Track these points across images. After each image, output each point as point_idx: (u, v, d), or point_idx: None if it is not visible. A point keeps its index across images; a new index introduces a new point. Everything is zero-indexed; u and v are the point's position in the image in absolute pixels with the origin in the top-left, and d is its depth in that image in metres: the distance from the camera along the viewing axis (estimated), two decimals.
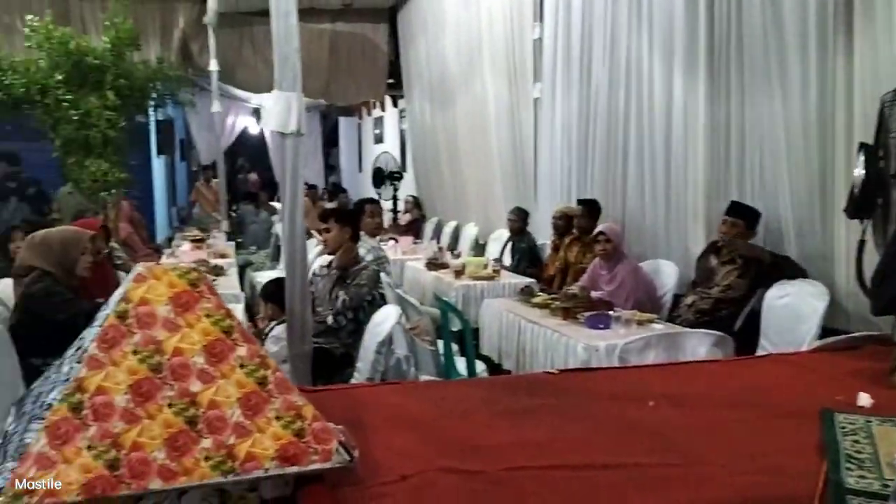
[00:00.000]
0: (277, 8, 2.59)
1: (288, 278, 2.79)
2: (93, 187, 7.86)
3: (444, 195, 9.53)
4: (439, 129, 9.28)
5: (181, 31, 9.38)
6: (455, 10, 8.23)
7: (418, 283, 6.42)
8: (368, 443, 1.73)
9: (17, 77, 7.43)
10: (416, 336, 3.93)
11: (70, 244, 3.60)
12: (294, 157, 2.67)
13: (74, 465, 1.40)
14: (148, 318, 1.60)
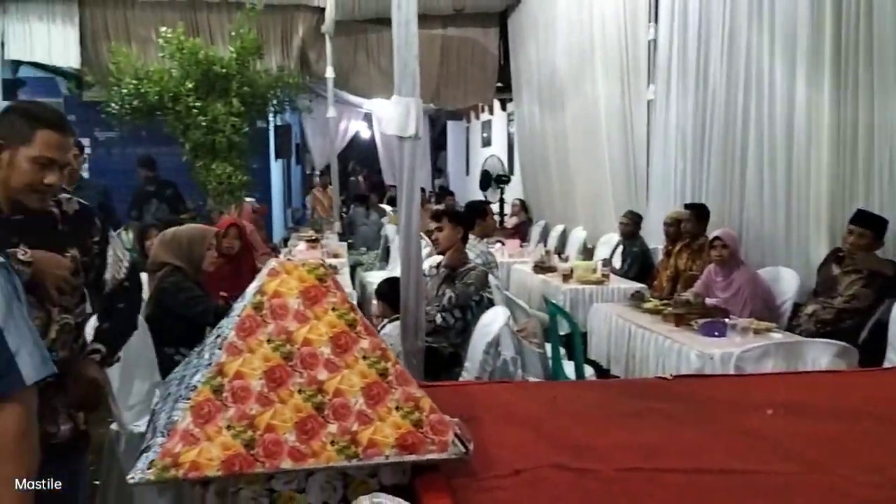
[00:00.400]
0: (398, 16, 2.69)
1: (403, 276, 2.88)
2: (218, 189, 8.33)
3: (551, 198, 9.50)
4: (548, 131, 9.26)
5: (300, 39, 9.76)
6: (567, 12, 8.20)
7: (525, 287, 6.44)
8: (481, 437, 1.78)
9: (151, 86, 7.96)
10: (524, 338, 3.95)
11: (197, 241, 3.80)
12: (412, 160, 2.77)
13: (215, 442, 1.52)
14: (280, 310, 1.71)
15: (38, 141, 1.82)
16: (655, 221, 6.29)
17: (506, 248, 7.66)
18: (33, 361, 1.40)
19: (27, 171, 1.82)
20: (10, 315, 1.39)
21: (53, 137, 1.84)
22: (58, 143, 1.85)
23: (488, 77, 10.69)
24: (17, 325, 1.40)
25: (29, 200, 1.85)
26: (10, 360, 1.37)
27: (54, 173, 1.85)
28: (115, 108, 8.19)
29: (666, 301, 4.59)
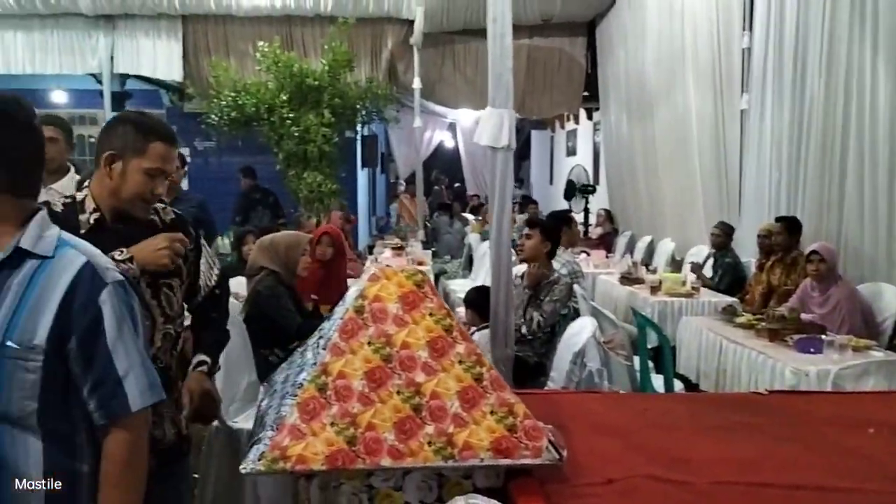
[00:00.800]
0: (493, 30, 2.74)
1: (493, 285, 2.93)
2: (308, 197, 8.60)
3: (639, 209, 9.36)
4: (636, 141, 9.14)
5: (389, 51, 9.97)
6: (657, 20, 8.09)
7: (610, 298, 6.37)
8: (572, 445, 1.80)
9: (249, 98, 8.30)
10: (611, 350, 3.92)
11: (292, 247, 3.94)
12: (504, 170, 2.81)
13: (320, 437, 1.60)
14: (380, 314, 1.78)
15: (151, 153, 1.86)
16: (748, 234, 6.13)
17: (591, 258, 7.60)
18: (139, 386, 1.39)
19: (139, 181, 1.85)
20: (119, 337, 1.39)
21: (164, 149, 1.89)
22: (168, 154, 1.91)
23: (575, 86, 10.63)
24: (127, 348, 1.39)
25: (137, 210, 1.90)
26: (118, 383, 1.37)
27: (163, 184, 1.90)
28: (214, 120, 8.57)
29: (759, 316, 4.47)
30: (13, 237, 1.38)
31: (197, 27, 9.62)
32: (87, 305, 1.38)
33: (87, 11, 9.12)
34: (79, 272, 1.39)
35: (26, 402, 1.34)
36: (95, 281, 1.40)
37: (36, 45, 9.38)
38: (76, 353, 1.37)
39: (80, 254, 1.42)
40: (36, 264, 1.39)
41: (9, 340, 1.33)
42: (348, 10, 9.27)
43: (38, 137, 1.48)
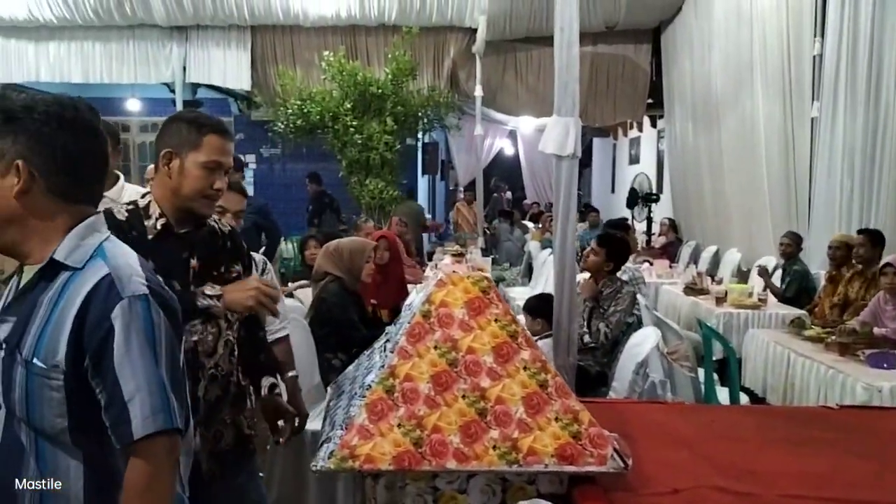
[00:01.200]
0: (560, 39, 2.76)
1: (556, 293, 2.93)
2: (370, 203, 8.72)
3: (703, 218, 9.19)
4: (702, 149, 8.98)
5: (451, 60, 10.03)
6: (724, 27, 7.95)
7: (674, 308, 6.28)
8: (637, 454, 1.79)
9: (314, 106, 8.48)
10: (675, 361, 3.87)
11: (357, 253, 3.99)
12: (569, 178, 2.82)
13: (388, 438, 1.64)
14: (447, 319, 1.81)
15: (206, 145, 1.85)
16: (818, 244, 5.96)
17: (654, 268, 7.50)
18: (143, 412, 1.26)
19: (198, 176, 1.84)
20: (127, 356, 1.27)
21: (219, 141, 1.87)
22: (223, 147, 1.88)
23: (639, 94, 10.50)
24: (135, 369, 1.28)
25: (199, 206, 1.87)
26: (124, 407, 1.27)
27: (221, 178, 1.87)
28: (280, 127, 8.79)
29: (829, 329, 4.34)
30: (53, 247, 1.33)
31: (265, 37, 9.87)
32: (100, 321, 1.29)
33: (161, 23, 9.45)
34: (95, 285, 1.31)
35: (57, 420, 1.30)
36: (111, 294, 1.30)
37: (113, 55, 9.76)
38: (91, 372, 1.29)
39: (104, 265, 1.33)
40: (67, 277, 1.33)
41: (35, 358, 1.29)
42: (412, 19, 9.38)
43: (100, 143, 1.41)
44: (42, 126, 1.32)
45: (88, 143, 1.38)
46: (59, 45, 9.71)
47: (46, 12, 9.22)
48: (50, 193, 1.33)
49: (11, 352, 1.31)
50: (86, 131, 1.38)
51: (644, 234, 10.45)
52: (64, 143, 1.34)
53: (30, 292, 1.34)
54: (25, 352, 1.30)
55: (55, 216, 1.35)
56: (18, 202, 1.31)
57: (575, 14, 2.75)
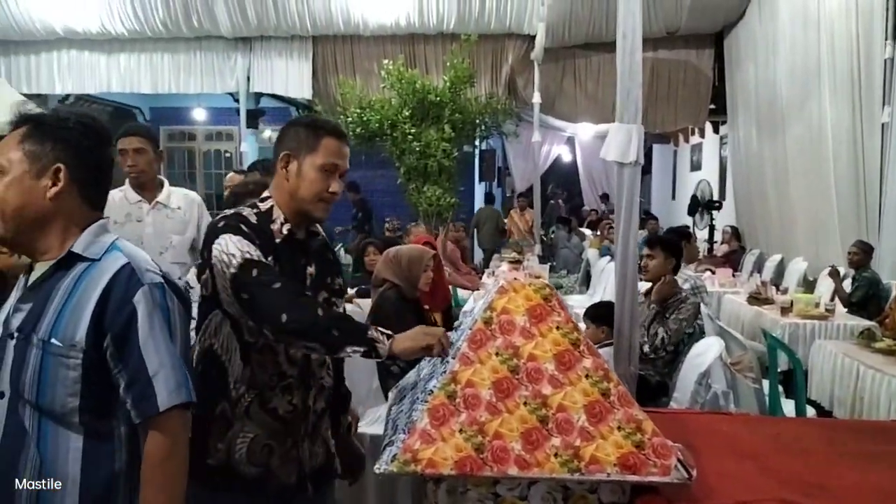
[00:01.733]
0: (623, 46, 2.74)
1: (617, 301, 2.90)
2: (428, 210, 8.78)
3: (768, 226, 8.96)
4: (766, 156, 8.77)
5: (509, 67, 10.04)
6: (790, 31, 7.76)
7: (737, 318, 6.14)
8: (701, 466, 1.77)
9: (373, 114, 8.58)
10: (738, 371, 3.79)
11: (414, 261, 4.00)
12: (631, 185, 2.79)
13: (449, 443, 1.65)
14: (508, 326, 1.82)
15: (323, 148, 1.84)
16: (889, 253, 5.76)
17: (716, 277, 7.34)
18: (168, 386, 1.39)
19: (315, 179, 1.83)
20: (151, 336, 1.40)
21: (335, 144, 1.86)
22: (340, 150, 1.87)
23: (701, 99, 10.32)
24: (158, 348, 1.40)
25: (315, 209, 1.86)
26: (149, 383, 1.39)
27: (337, 181, 1.86)
28: None
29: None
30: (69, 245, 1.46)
31: (326, 47, 10.04)
32: (123, 304, 1.41)
33: (227, 34, 9.71)
34: (117, 273, 1.43)
35: (69, 399, 1.39)
36: (132, 281, 1.43)
37: (181, 66, 10.07)
38: (112, 350, 1.41)
39: (122, 256, 1.46)
40: (84, 266, 1.44)
41: (53, 338, 1.39)
42: (470, 27, 9.42)
43: (111, 155, 1.58)
44: (82, 138, 1.46)
45: (110, 155, 1.55)
46: (129, 56, 10.08)
47: (118, 25, 9.58)
48: (80, 199, 1.48)
49: (27, 336, 1.41)
50: (108, 143, 1.54)
51: (706, 243, 10.25)
52: (98, 155, 1.50)
53: (45, 282, 1.45)
54: (42, 333, 1.40)
55: (78, 219, 1.48)
56: (52, 203, 1.44)
57: (638, 21, 2.74)
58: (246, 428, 1.78)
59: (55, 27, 9.70)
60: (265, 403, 1.80)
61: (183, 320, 1.49)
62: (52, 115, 1.48)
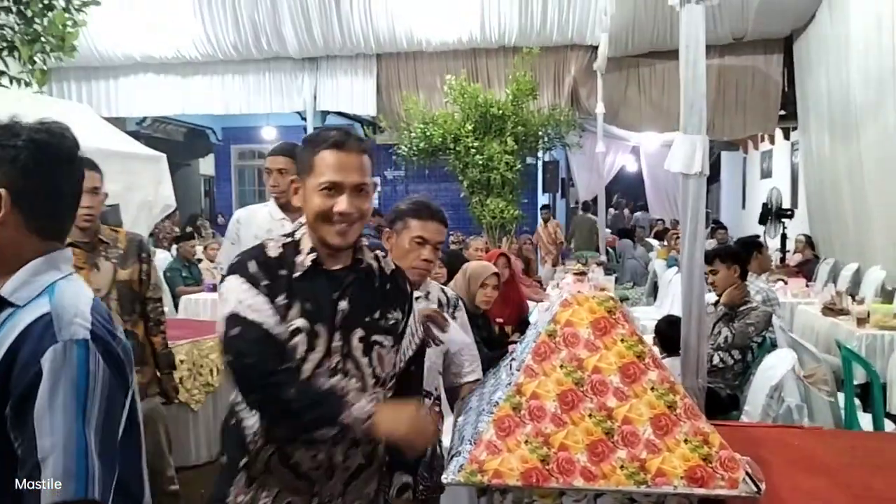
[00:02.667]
0: (686, 56, 2.73)
1: (684, 313, 2.88)
2: (491, 223, 8.83)
3: (843, 234, 8.67)
4: (840, 161, 8.49)
5: (572, 77, 10.03)
6: (863, 34, 7.51)
7: (811, 329, 5.96)
8: (771, 480, 1.75)
9: (436, 129, 8.71)
10: (812, 385, 3.70)
11: (473, 277, 4.02)
12: (696, 196, 2.77)
13: (515, 454, 1.68)
14: (572, 338, 1.83)
15: (318, 165, 1.66)
16: None
17: (789, 287, 7.15)
18: (55, 475, 1.07)
19: (315, 201, 1.66)
20: (49, 408, 1.10)
21: (333, 157, 1.65)
22: (338, 163, 1.65)
23: (770, 106, 10.08)
24: (55, 422, 1.09)
25: (327, 235, 1.67)
26: (36, 466, 1.08)
27: (346, 199, 1.65)
28: (404, 150, 9.07)
29: None
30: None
31: (389, 64, 10.23)
32: (28, 364, 1.13)
33: (294, 55, 10.01)
34: (31, 324, 1.17)
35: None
36: (46, 336, 1.15)
37: (251, 87, 10.43)
38: (11, 419, 1.12)
39: (48, 304, 1.19)
40: (7, 314, 1.20)
41: None
42: (532, 39, 9.47)
43: (77, 173, 1.32)
44: (28, 155, 1.23)
45: (69, 177, 1.30)
46: (202, 79, 10.48)
47: (192, 51, 9.99)
48: (26, 228, 1.24)
49: None
50: (68, 162, 1.28)
51: (778, 252, 9.98)
52: (53, 178, 1.26)
53: None
54: None
55: (24, 251, 1.25)
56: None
57: (701, 31, 2.72)
58: (268, 483, 1.69)
59: (133, 54, 10.18)
60: (286, 458, 1.68)
61: (108, 388, 1.18)
62: (3, 129, 1.25)
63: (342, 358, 1.68)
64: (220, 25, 9.69)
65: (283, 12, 9.41)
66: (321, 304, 1.67)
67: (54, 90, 9.86)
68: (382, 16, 9.45)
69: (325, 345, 1.66)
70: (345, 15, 9.42)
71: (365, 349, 1.71)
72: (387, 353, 1.76)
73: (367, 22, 9.53)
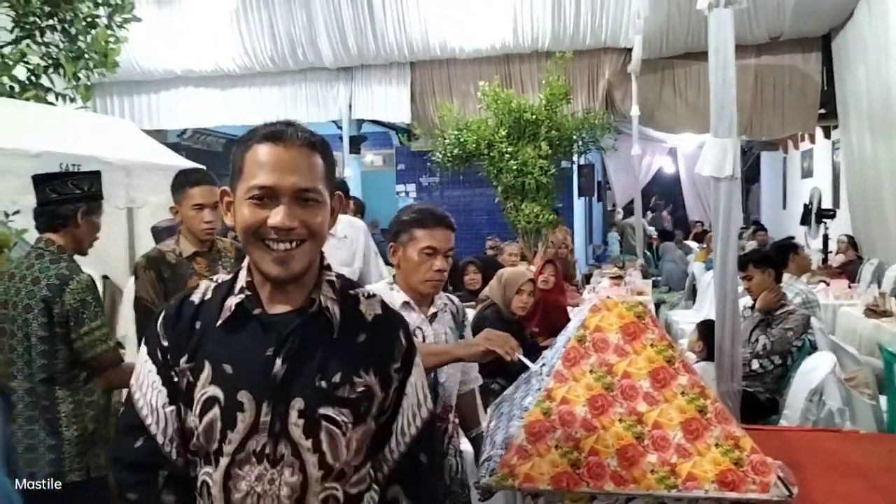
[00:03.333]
0: (715, 60, 2.73)
1: (718, 317, 2.86)
2: (526, 228, 8.82)
3: (886, 234, 8.47)
4: (882, 160, 8.31)
5: (606, 81, 9.97)
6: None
7: (854, 331, 5.85)
8: (806, 484, 1.75)
9: (470, 135, 8.73)
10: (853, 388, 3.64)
11: (509, 284, 4.06)
12: (728, 200, 2.76)
13: (545, 459, 1.70)
14: (602, 344, 1.86)
15: (248, 166, 1.28)
16: None
17: (831, 288, 7.02)
18: None
19: (243, 213, 1.28)
20: None
21: (265, 153, 1.27)
22: (273, 160, 1.26)
23: (809, 104, 9.90)
24: None
25: (261, 261, 1.28)
26: None
27: (280, 209, 1.24)
28: (438, 157, 9.11)
29: None
30: None
31: (423, 72, 10.29)
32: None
33: (329, 65, 10.13)
34: None
35: None
36: None
37: (287, 97, 10.58)
38: None
39: None
40: None
41: None
42: (565, 44, 9.45)
43: None
44: None
45: None
46: (240, 91, 10.66)
47: (230, 64, 10.18)
48: None
49: None
50: None
51: (820, 253, 9.79)
52: None
53: None
54: None
55: None
56: None
57: (730, 34, 2.72)
58: None
59: (174, 68, 10.42)
60: None
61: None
62: None
63: (271, 439, 1.24)
64: (257, 39, 9.87)
65: (319, 24, 9.54)
66: (247, 364, 1.26)
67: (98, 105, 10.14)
68: (416, 24, 9.53)
69: (250, 420, 1.24)
70: (379, 25, 9.52)
71: (307, 427, 1.25)
72: (344, 433, 1.27)
73: (401, 31, 9.61)
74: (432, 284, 2.14)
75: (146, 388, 1.31)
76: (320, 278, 1.34)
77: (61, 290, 2.49)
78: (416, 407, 1.38)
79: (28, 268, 2.56)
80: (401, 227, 2.18)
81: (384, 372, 1.33)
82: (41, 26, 6.26)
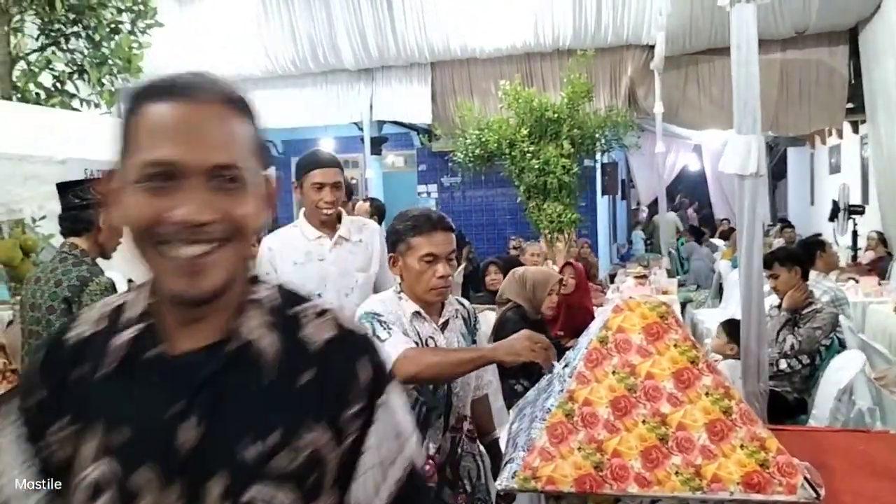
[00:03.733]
0: (738, 56, 2.69)
1: (743, 316, 2.83)
2: (549, 227, 8.78)
3: None
4: None
5: (629, 78, 9.90)
6: None
7: (884, 329, 5.75)
8: (833, 485, 1.72)
9: (491, 134, 8.72)
10: (884, 387, 3.58)
11: (540, 285, 4.03)
12: (752, 197, 2.73)
13: (568, 461, 1.69)
14: (624, 344, 1.84)
15: (137, 135, 0.92)
16: None
17: (860, 286, 6.90)
18: None
19: (131, 204, 0.90)
20: None
21: (158, 115, 0.93)
22: (171, 123, 0.90)
23: (836, 99, 9.76)
24: None
25: (163, 276, 0.88)
26: None
27: (184, 195, 0.87)
28: (459, 157, 9.12)
29: None
30: None
31: (444, 72, 10.30)
32: None
33: (350, 67, 10.18)
34: None
35: None
36: None
37: (309, 100, 10.65)
38: None
39: None
40: None
41: None
42: (587, 42, 9.40)
43: None
44: None
45: None
46: (262, 93, 10.72)
47: (251, 68, 10.26)
48: None
49: None
50: None
51: (849, 250, 9.65)
52: None
53: None
54: None
55: None
56: None
57: (753, 30, 2.68)
58: None
59: None
60: None
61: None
62: None
63: None
64: (278, 42, 9.93)
65: (339, 26, 9.58)
66: (146, 429, 0.87)
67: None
68: (436, 25, 9.53)
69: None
70: (399, 26, 9.54)
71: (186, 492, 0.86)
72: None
73: (422, 32, 9.62)
74: (437, 292, 2.08)
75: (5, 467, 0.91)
76: (248, 295, 0.94)
77: (80, 291, 2.54)
78: (385, 466, 0.93)
79: (52, 271, 2.61)
80: (397, 236, 2.10)
81: (336, 421, 0.90)
82: (66, 33, 6.36)
